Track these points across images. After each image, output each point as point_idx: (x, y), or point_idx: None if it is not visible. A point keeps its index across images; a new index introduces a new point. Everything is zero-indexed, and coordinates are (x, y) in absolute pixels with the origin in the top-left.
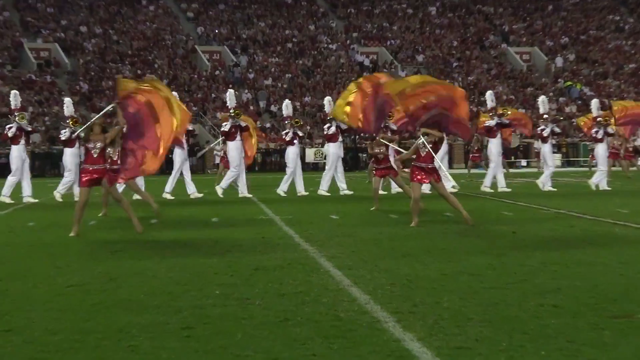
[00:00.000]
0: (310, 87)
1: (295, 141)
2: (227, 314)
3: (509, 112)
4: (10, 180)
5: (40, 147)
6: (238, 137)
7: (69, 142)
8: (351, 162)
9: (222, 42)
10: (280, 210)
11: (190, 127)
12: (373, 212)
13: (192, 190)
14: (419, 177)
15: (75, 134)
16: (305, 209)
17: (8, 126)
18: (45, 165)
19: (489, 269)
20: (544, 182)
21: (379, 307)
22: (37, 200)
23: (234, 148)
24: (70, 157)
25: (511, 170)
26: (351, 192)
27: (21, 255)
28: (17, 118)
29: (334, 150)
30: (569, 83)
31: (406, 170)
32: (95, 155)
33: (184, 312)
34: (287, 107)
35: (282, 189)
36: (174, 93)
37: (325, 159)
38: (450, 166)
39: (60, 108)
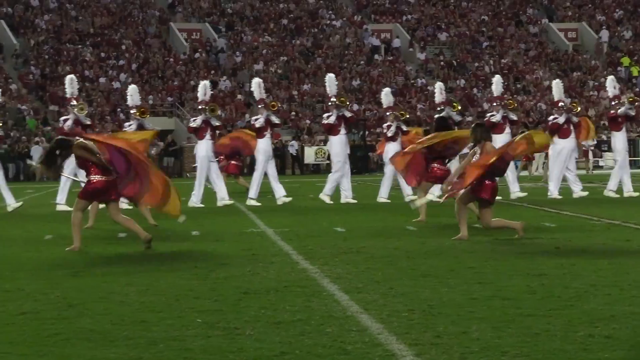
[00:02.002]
0: (310, 72)
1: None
2: (212, 346)
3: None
4: None
5: None
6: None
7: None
8: (360, 164)
9: (202, 19)
10: (274, 222)
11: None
12: (387, 224)
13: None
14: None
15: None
16: (305, 220)
17: None
18: None
19: (527, 293)
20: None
21: (395, 338)
22: None
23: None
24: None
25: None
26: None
27: None
28: None
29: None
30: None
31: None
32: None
33: (159, 345)
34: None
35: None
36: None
37: (328, 158)
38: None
39: (7, 98)
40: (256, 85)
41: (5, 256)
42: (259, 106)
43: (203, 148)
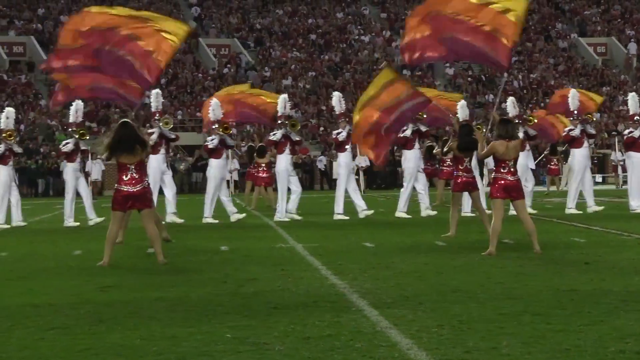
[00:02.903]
0: (338, 87)
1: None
2: None
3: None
4: None
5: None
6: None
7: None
8: (389, 179)
9: (231, 34)
10: (304, 237)
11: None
12: (416, 239)
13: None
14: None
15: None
16: (334, 235)
17: None
18: (21, 183)
19: (557, 308)
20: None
21: (425, 354)
22: (8, 226)
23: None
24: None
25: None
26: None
27: None
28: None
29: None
30: None
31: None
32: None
33: None
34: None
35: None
36: None
37: (357, 174)
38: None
39: (36, 114)
40: (337, 100)
41: (35, 271)
42: (340, 120)
43: (283, 162)
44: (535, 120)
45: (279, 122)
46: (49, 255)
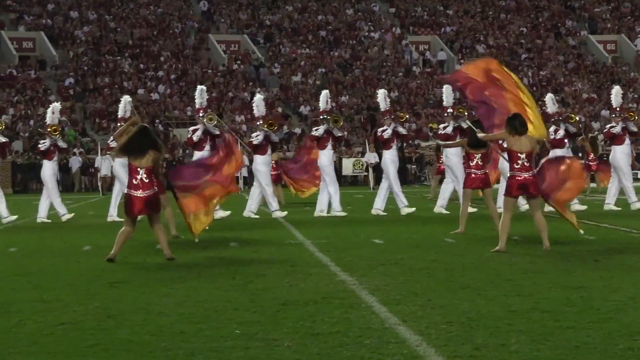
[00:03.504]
0: (348, 84)
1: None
2: (250, 358)
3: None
4: None
5: (22, 157)
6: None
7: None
8: (399, 176)
9: (241, 30)
10: (313, 234)
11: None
12: (425, 236)
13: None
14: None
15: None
16: (343, 232)
17: None
18: (29, 179)
19: (566, 305)
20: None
21: (433, 351)
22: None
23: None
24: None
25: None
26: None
27: (1, 287)
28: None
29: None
30: None
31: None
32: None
33: (197, 356)
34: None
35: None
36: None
37: (366, 170)
38: None
39: (46, 109)
40: (382, 97)
41: (44, 267)
42: (385, 117)
43: (325, 157)
44: (577, 118)
45: (321, 117)
46: (57, 251)
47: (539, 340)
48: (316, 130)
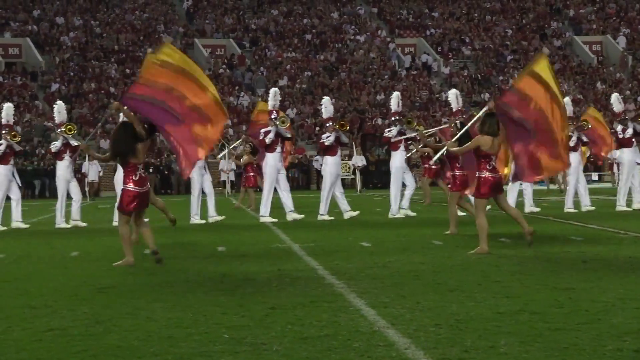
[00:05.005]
0: (334, 87)
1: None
2: None
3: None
4: None
5: None
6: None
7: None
8: (384, 178)
9: (226, 34)
10: (300, 238)
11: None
12: (412, 239)
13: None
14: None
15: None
16: (331, 235)
17: None
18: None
19: (554, 307)
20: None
21: (422, 353)
22: (4, 228)
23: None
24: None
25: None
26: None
27: None
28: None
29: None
30: None
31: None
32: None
33: None
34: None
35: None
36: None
37: (353, 173)
38: None
39: (33, 115)
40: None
41: (32, 273)
42: (392, 119)
43: (398, 159)
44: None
45: (393, 118)
46: (45, 256)
47: (528, 341)
48: (389, 131)
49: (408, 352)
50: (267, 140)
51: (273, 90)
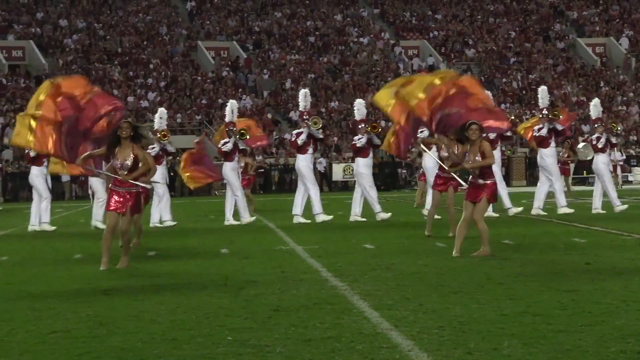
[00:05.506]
0: (337, 89)
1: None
2: None
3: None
4: None
5: (12, 166)
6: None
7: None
8: (388, 180)
9: (230, 37)
10: (304, 240)
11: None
12: (416, 241)
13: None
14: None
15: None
16: (334, 237)
17: None
18: (20, 188)
19: (558, 308)
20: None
21: (426, 355)
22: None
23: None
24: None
25: (582, 187)
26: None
27: None
28: None
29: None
30: None
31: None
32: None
33: None
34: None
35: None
36: None
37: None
38: (508, 183)
39: None
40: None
41: (36, 275)
42: (359, 126)
43: (430, 160)
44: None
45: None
46: (48, 259)
47: (531, 344)
48: (421, 132)
49: (412, 354)
50: (299, 142)
51: (303, 92)
